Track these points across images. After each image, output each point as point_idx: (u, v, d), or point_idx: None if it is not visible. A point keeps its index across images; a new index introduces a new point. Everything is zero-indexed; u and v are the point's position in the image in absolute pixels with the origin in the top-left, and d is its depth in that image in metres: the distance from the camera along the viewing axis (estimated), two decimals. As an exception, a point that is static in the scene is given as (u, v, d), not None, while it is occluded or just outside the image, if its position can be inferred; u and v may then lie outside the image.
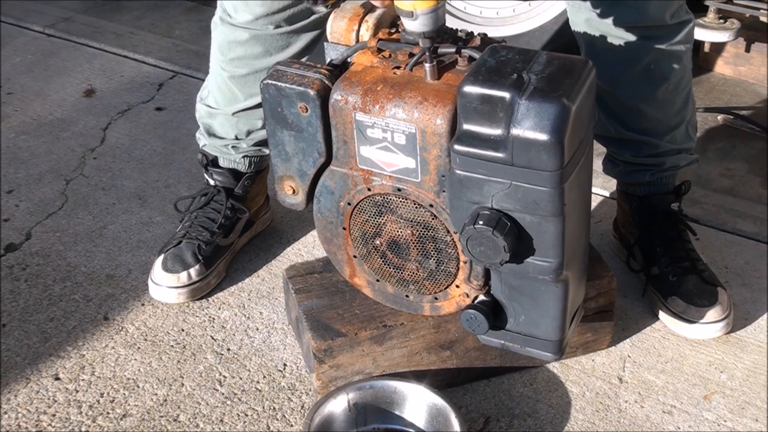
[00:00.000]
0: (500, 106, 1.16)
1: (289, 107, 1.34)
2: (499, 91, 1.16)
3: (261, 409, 1.53)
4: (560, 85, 1.17)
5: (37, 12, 2.99)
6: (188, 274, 1.74)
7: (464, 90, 1.18)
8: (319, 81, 1.32)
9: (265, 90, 1.35)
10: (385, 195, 1.36)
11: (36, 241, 1.92)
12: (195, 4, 3.09)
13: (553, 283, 1.28)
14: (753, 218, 1.98)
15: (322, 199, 1.42)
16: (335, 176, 1.38)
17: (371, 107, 1.28)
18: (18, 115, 2.41)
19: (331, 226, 1.45)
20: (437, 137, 1.25)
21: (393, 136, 1.29)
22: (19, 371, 1.60)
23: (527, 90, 1.16)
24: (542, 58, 1.22)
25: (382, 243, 1.41)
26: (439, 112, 1.24)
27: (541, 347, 1.37)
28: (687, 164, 1.75)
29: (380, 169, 1.33)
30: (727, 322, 1.65)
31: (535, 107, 1.14)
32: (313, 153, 1.38)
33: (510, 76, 1.18)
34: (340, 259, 1.49)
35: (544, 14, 2.33)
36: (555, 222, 1.21)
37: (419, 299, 1.45)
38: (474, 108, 1.18)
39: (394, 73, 1.31)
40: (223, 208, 1.81)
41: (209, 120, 1.81)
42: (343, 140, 1.34)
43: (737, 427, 1.49)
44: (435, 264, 1.39)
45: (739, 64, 2.53)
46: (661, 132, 1.67)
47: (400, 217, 1.36)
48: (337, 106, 1.31)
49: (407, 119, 1.26)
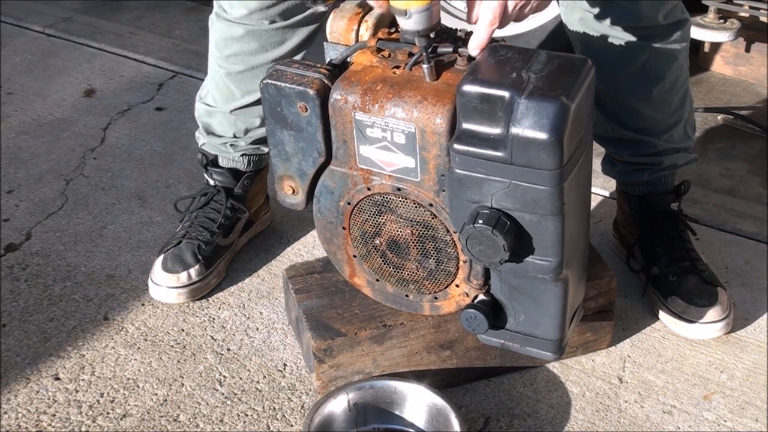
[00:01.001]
0: (500, 105, 1.16)
1: (288, 107, 1.34)
2: (498, 90, 1.16)
3: (261, 409, 1.53)
4: (559, 83, 1.17)
5: (37, 12, 2.99)
6: (188, 274, 1.74)
7: (464, 89, 1.18)
8: (319, 80, 1.32)
9: (265, 90, 1.35)
10: (385, 194, 1.36)
11: (36, 241, 1.92)
12: (195, 4, 3.09)
13: (553, 282, 1.28)
14: (753, 218, 1.98)
15: (321, 199, 1.42)
16: (335, 176, 1.38)
17: (371, 107, 1.28)
18: (18, 115, 2.41)
19: (330, 226, 1.45)
20: (437, 136, 1.25)
21: (392, 135, 1.29)
22: (19, 371, 1.60)
23: (526, 89, 1.16)
24: (542, 57, 1.22)
25: (382, 242, 1.41)
26: (439, 111, 1.24)
27: (541, 347, 1.37)
28: (685, 163, 1.75)
29: (380, 169, 1.33)
30: (727, 322, 1.65)
31: (534, 106, 1.14)
32: (312, 153, 1.38)
33: (509, 75, 1.18)
34: (340, 259, 1.49)
35: (544, 14, 2.33)
36: (554, 221, 1.21)
37: (419, 299, 1.45)
38: (473, 107, 1.18)
39: (394, 73, 1.31)
40: (223, 208, 1.81)
41: (208, 119, 1.81)
42: (343, 140, 1.34)
43: (737, 427, 1.49)
44: (435, 263, 1.39)
45: (739, 64, 2.53)
46: (659, 131, 1.67)
47: (400, 216, 1.37)
48: (336, 106, 1.31)
49: (407, 118, 1.26)
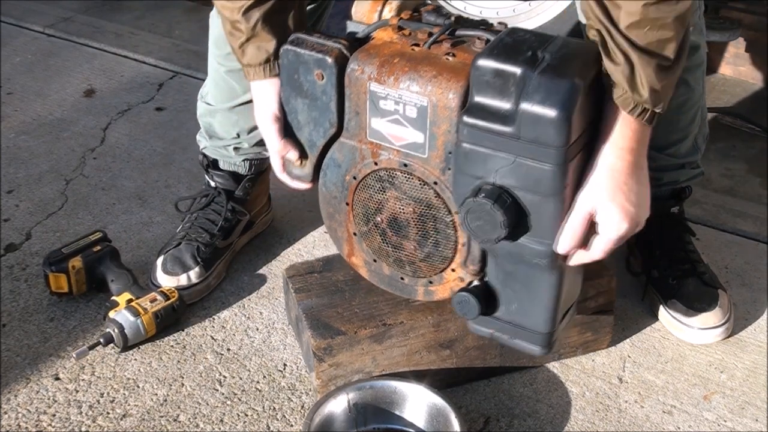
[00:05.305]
0: (512, 81, 1.18)
1: (305, 74, 1.36)
2: (512, 65, 1.18)
3: (261, 409, 1.53)
4: (573, 64, 1.19)
5: (37, 12, 2.99)
6: (188, 277, 1.74)
7: (478, 63, 1.20)
8: (338, 50, 1.34)
9: (284, 55, 1.37)
10: (391, 170, 1.37)
11: (36, 241, 1.92)
12: (195, 4, 3.10)
13: (548, 269, 1.28)
14: (753, 218, 1.98)
15: (328, 172, 1.43)
16: (344, 148, 1.39)
17: (386, 78, 1.30)
18: (18, 115, 2.41)
19: (334, 201, 1.46)
20: (448, 111, 1.27)
21: (405, 108, 1.30)
22: (19, 371, 1.60)
23: (540, 66, 1.18)
24: (559, 41, 1.24)
25: (383, 220, 1.42)
26: (453, 86, 1.26)
27: (529, 339, 1.37)
28: (688, 179, 1.73)
29: (389, 143, 1.35)
30: (727, 327, 1.65)
31: (546, 82, 1.16)
32: (324, 123, 1.39)
33: (525, 53, 1.20)
34: (340, 237, 1.49)
35: (544, 14, 2.33)
36: (555, 201, 1.21)
37: (414, 282, 1.46)
38: (486, 81, 1.20)
39: (413, 50, 1.33)
40: (223, 210, 1.81)
41: (209, 118, 1.81)
42: (356, 111, 1.35)
43: (737, 427, 1.50)
44: (433, 245, 1.39)
45: (739, 64, 2.53)
46: (661, 146, 1.64)
47: (404, 193, 1.38)
48: (353, 76, 1.32)
49: (420, 92, 1.28)
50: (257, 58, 1.41)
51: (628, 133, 1.22)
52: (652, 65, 1.16)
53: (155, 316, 1.63)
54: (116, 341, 1.61)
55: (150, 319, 1.62)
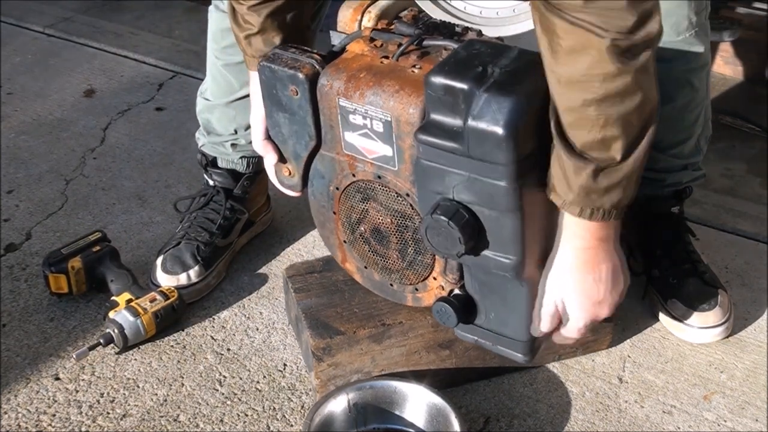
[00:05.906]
0: (461, 97, 1.16)
1: (282, 89, 1.37)
2: (460, 82, 1.16)
3: (261, 409, 1.53)
4: (522, 80, 1.17)
5: (37, 12, 2.99)
6: (188, 276, 1.74)
7: (430, 80, 1.19)
8: (310, 65, 1.34)
9: (262, 71, 1.38)
10: (368, 182, 1.37)
11: (36, 241, 1.92)
12: (195, 4, 3.09)
13: (518, 281, 1.27)
14: (753, 218, 1.98)
15: (314, 183, 1.44)
16: (325, 160, 1.40)
17: (352, 93, 1.30)
18: (18, 115, 2.41)
19: (323, 210, 1.46)
20: (410, 126, 1.26)
21: (372, 123, 1.30)
22: (19, 371, 1.60)
23: (487, 83, 1.16)
24: (513, 54, 1.21)
25: (366, 230, 1.42)
26: (413, 101, 1.25)
27: (511, 347, 1.36)
28: (690, 181, 1.72)
29: (362, 156, 1.35)
30: (727, 326, 1.65)
31: (491, 100, 1.14)
32: (304, 136, 1.40)
33: (475, 68, 1.18)
34: (333, 244, 1.50)
35: (544, 14, 2.32)
36: (512, 218, 1.19)
37: (402, 289, 1.46)
38: (438, 98, 1.18)
39: (381, 62, 1.32)
40: (222, 208, 1.81)
41: (208, 114, 1.81)
42: (330, 125, 1.35)
43: (737, 427, 1.49)
44: (413, 254, 1.40)
45: (739, 64, 2.53)
46: (665, 146, 1.63)
47: (381, 204, 1.38)
48: (323, 91, 1.33)
49: (384, 107, 1.28)
50: (263, 51, 1.41)
51: (581, 233, 1.18)
52: (586, 170, 1.10)
53: (155, 316, 1.63)
54: (116, 341, 1.61)
55: (150, 319, 1.62)
